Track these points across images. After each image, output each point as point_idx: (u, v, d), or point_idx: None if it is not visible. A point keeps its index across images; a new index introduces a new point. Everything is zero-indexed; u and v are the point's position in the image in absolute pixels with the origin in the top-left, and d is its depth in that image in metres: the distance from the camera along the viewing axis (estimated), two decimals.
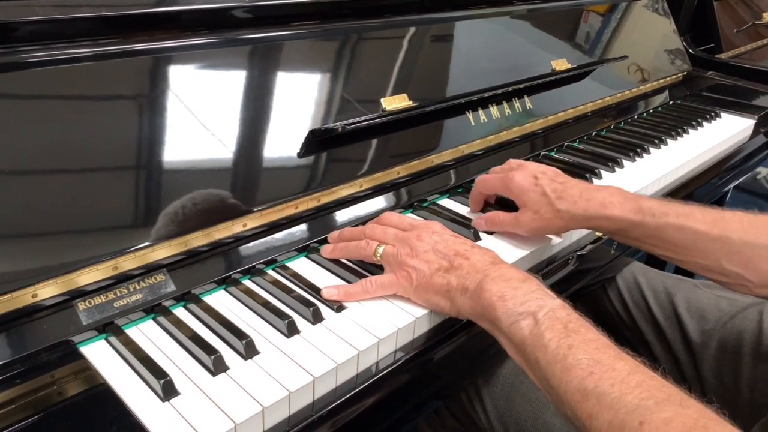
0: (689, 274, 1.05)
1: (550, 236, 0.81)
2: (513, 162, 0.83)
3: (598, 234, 0.89)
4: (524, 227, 0.76)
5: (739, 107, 1.45)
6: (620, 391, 0.48)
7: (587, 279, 0.89)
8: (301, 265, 0.73)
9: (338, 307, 0.65)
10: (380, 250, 0.68)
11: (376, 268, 0.70)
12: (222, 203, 0.69)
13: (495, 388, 0.81)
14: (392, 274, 0.66)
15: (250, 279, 0.69)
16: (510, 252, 0.77)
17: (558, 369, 0.52)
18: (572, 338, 0.53)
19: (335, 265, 0.72)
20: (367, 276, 0.68)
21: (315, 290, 0.67)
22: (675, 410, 0.46)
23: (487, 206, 0.87)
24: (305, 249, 0.75)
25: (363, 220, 0.81)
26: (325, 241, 0.76)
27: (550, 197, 0.74)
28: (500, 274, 0.61)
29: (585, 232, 0.88)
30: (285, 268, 0.71)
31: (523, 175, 0.76)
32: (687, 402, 0.47)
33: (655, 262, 1.34)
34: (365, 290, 0.66)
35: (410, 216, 0.81)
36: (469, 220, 0.83)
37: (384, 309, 0.65)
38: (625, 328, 1.01)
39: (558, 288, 0.82)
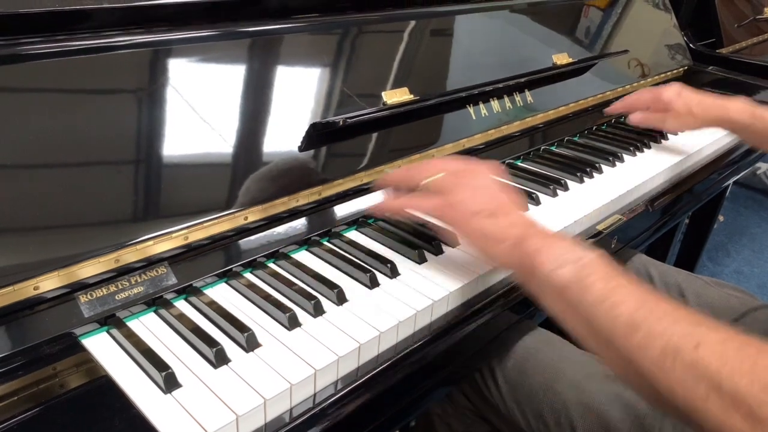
0: (691, 269, 1.07)
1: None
2: (656, 87, 1.13)
3: (599, 228, 0.89)
4: (669, 124, 1.07)
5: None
6: (671, 321, 0.50)
7: None
8: (303, 258, 0.73)
9: (339, 300, 0.65)
10: (427, 182, 0.69)
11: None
12: (222, 196, 0.69)
13: (507, 363, 0.81)
14: (436, 199, 0.68)
15: (251, 272, 0.69)
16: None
17: (604, 308, 0.53)
18: (616, 281, 0.55)
19: (339, 260, 0.72)
20: (368, 269, 0.69)
21: (317, 282, 0.67)
22: (728, 332, 0.48)
23: None
24: (306, 242, 0.75)
25: (365, 214, 0.81)
26: (325, 235, 0.77)
27: (690, 104, 1.03)
28: (540, 230, 0.64)
29: (587, 225, 0.89)
30: (286, 261, 0.71)
31: (671, 91, 1.06)
32: (737, 331, 0.49)
33: (656, 255, 1.34)
34: (403, 204, 0.71)
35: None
36: None
37: (386, 303, 0.65)
38: None
39: None
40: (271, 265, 0.71)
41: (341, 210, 0.80)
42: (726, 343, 0.47)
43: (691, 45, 1.62)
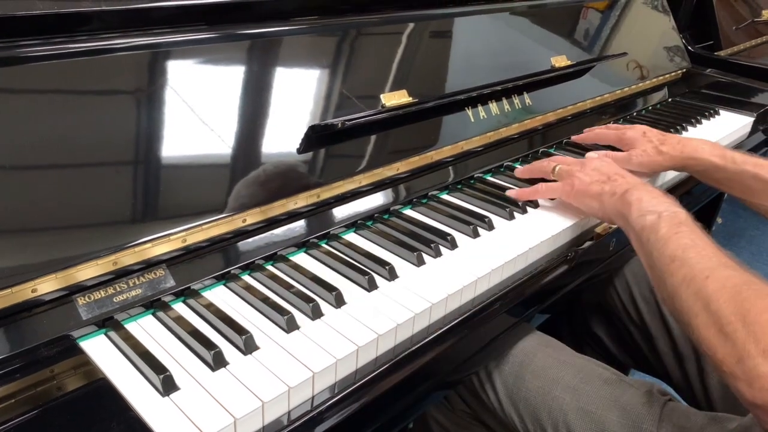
0: None
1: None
2: (621, 125, 1.11)
3: (598, 231, 0.89)
4: (635, 161, 0.97)
5: (738, 104, 1.45)
6: (700, 258, 0.61)
7: (589, 273, 0.90)
8: (301, 260, 0.73)
9: (337, 302, 0.65)
10: (558, 168, 0.88)
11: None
12: (221, 199, 0.69)
13: (505, 367, 0.81)
14: (560, 183, 0.86)
15: (249, 274, 0.69)
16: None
17: (660, 244, 0.66)
18: (682, 228, 0.67)
19: (337, 262, 0.72)
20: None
21: (315, 285, 0.67)
22: (738, 272, 0.58)
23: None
24: (304, 244, 0.75)
25: (363, 216, 0.81)
26: (323, 237, 0.77)
27: (655, 143, 0.98)
28: (645, 187, 0.77)
29: (590, 224, 0.89)
30: (285, 263, 0.71)
31: (635, 131, 1.01)
32: (754, 273, 0.58)
33: None
34: (536, 191, 0.88)
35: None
36: (470, 213, 0.84)
37: (384, 306, 0.65)
38: (630, 322, 1.02)
39: (559, 282, 0.82)
40: (270, 268, 0.71)
41: (340, 212, 0.80)
42: (729, 278, 0.57)
43: (689, 47, 1.62)
